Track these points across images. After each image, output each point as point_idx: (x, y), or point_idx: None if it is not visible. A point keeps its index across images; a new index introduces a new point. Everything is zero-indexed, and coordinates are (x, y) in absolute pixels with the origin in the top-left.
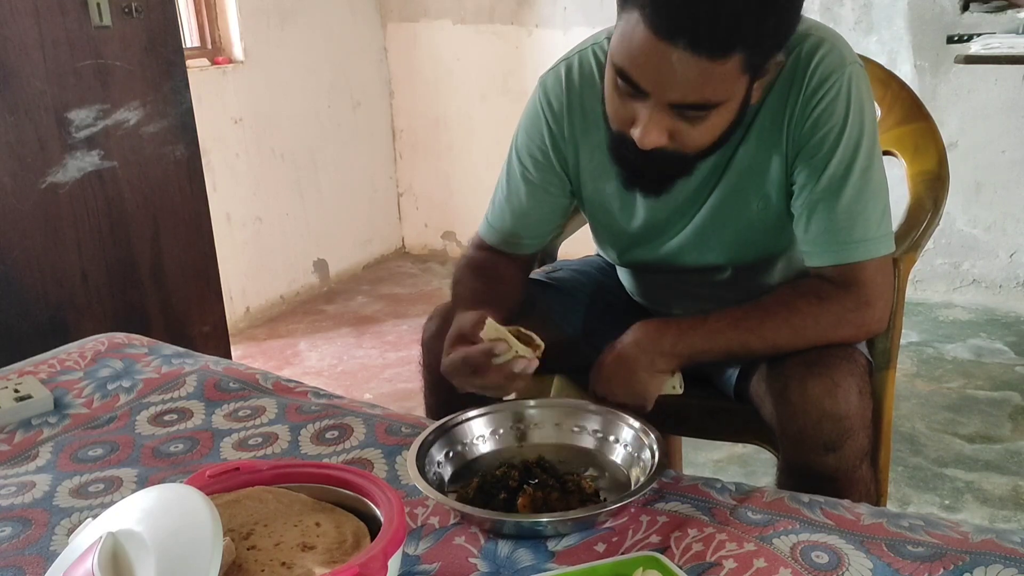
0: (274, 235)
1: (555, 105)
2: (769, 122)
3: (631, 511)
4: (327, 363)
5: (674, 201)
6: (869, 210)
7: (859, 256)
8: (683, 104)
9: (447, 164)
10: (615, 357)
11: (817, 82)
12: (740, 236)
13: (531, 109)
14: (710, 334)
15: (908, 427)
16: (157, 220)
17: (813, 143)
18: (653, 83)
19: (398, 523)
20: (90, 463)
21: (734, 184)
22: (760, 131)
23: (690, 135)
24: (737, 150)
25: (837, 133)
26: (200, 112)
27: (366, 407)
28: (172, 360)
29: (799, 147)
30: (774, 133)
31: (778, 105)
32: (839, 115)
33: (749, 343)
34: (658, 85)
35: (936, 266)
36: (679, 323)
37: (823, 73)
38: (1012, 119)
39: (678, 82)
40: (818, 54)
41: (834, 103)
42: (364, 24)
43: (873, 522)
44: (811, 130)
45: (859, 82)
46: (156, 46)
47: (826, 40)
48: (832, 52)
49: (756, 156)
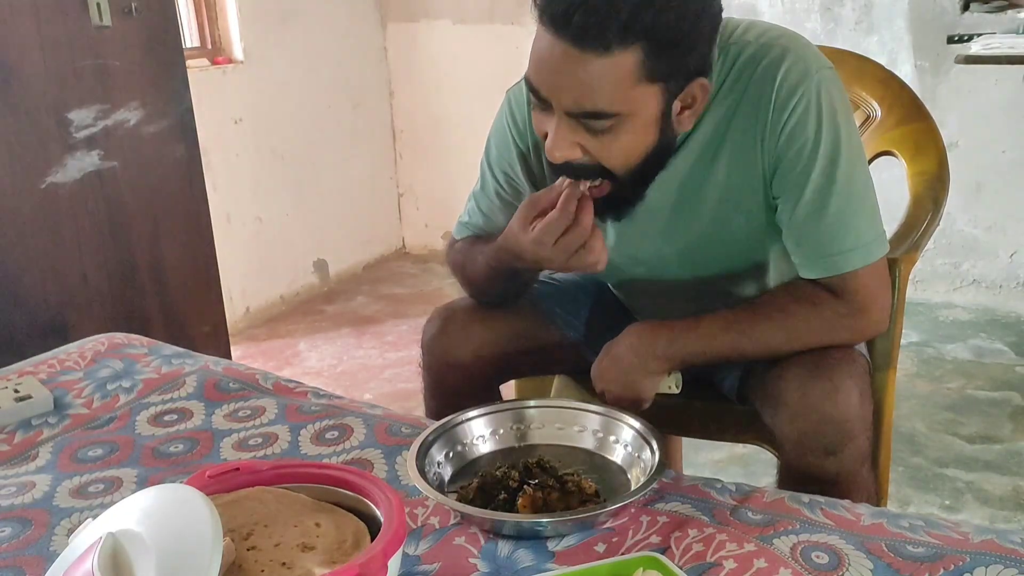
0: (274, 235)
1: (519, 121)
2: (741, 140)
3: (631, 511)
4: (327, 363)
5: (647, 224)
6: (858, 216)
7: (853, 265)
8: (580, 112)
9: (447, 164)
10: (610, 358)
11: (786, 95)
12: (725, 251)
13: (498, 123)
14: (704, 337)
15: (908, 427)
16: (157, 220)
17: (790, 157)
18: (549, 87)
19: (398, 523)
20: (90, 463)
21: (714, 204)
22: (733, 151)
23: (602, 150)
24: (711, 170)
25: (813, 145)
26: (200, 112)
27: (366, 407)
28: (172, 360)
29: (777, 161)
30: (749, 151)
31: (749, 123)
32: (812, 125)
33: (742, 346)
34: (553, 88)
35: (936, 266)
36: (673, 326)
37: (791, 85)
38: (1012, 119)
39: (570, 85)
40: (783, 67)
41: (806, 114)
42: (364, 24)
43: (873, 522)
44: (786, 144)
45: (829, 88)
46: (156, 46)
47: (790, 50)
48: (797, 63)
49: (733, 177)
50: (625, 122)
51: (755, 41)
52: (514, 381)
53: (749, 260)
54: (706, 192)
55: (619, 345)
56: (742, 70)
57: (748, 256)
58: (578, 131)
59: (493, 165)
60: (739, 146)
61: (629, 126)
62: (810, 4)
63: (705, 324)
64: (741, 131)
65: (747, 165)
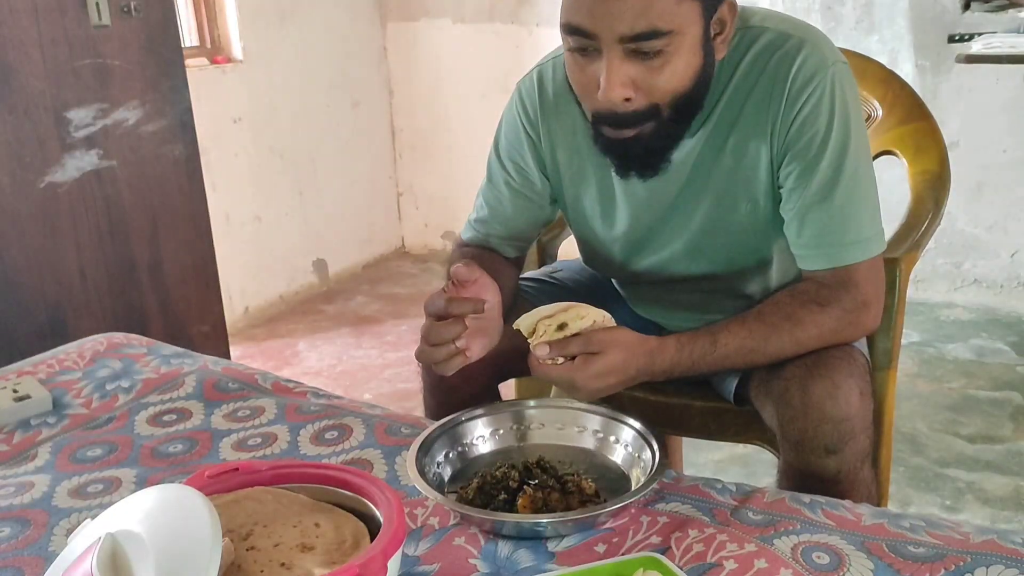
0: (273, 235)
1: (531, 111)
2: (752, 127)
3: (631, 512)
4: (326, 363)
5: (656, 208)
6: (861, 210)
7: (854, 258)
8: (633, 36)
9: (447, 164)
10: (605, 364)
11: (800, 84)
12: (730, 242)
13: (509, 115)
14: (717, 360)
15: (909, 427)
16: (156, 220)
17: (800, 146)
18: (601, 17)
19: (398, 524)
20: (89, 463)
21: (721, 190)
22: (744, 134)
23: (654, 80)
24: (720, 155)
25: (824, 136)
26: (199, 111)
27: (365, 407)
28: (171, 360)
29: (786, 150)
30: (759, 137)
31: (761, 108)
32: (825, 117)
33: (753, 361)
34: (606, 16)
35: (937, 266)
36: (679, 351)
37: (806, 75)
38: (1013, 118)
39: (623, 8)
40: (800, 56)
41: (819, 105)
42: (364, 23)
43: (874, 523)
44: (797, 133)
45: (843, 81)
46: (155, 45)
47: (807, 41)
48: (813, 53)
49: (742, 160)
50: (675, 41)
51: (773, 28)
52: (514, 381)
53: (753, 255)
54: (714, 176)
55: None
56: (757, 56)
57: (752, 250)
58: (630, 64)
59: (503, 155)
60: (750, 132)
61: (678, 46)
62: (810, 3)
63: (720, 345)
64: (753, 117)
65: (756, 152)
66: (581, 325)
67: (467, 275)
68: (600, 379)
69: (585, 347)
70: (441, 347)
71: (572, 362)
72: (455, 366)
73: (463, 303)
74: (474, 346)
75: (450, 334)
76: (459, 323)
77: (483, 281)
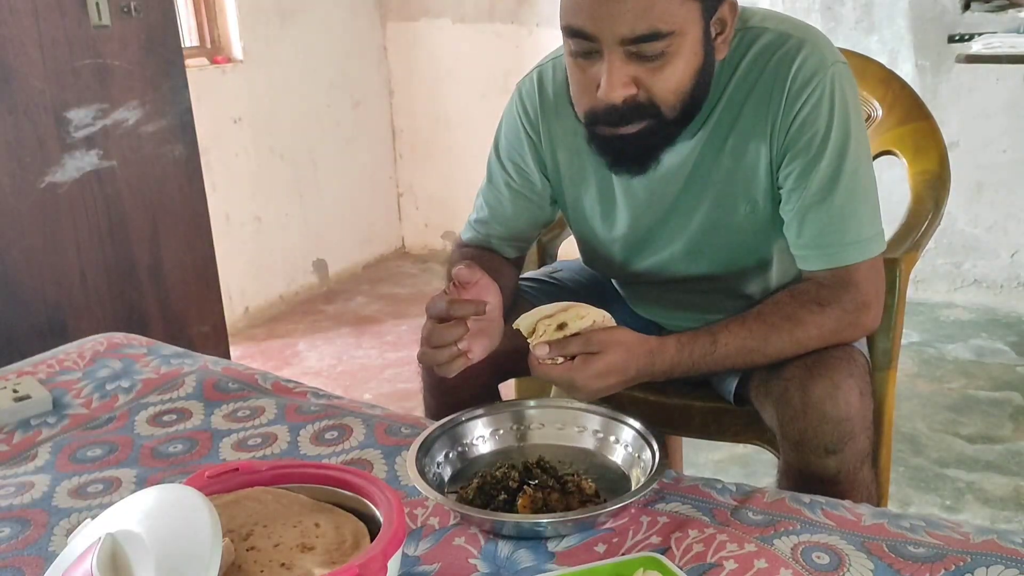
0: (273, 235)
1: (531, 112)
2: (752, 127)
3: (631, 512)
4: (326, 363)
5: (656, 208)
6: (860, 211)
7: (854, 258)
8: (634, 38)
9: (447, 164)
10: (605, 364)
11: (800, 84)
12: (730, 242)
13: (509, 115)
14: (718, 360)
15: (909, 427)
16: (156, 220)
17: (800, 146)
18: (601, 18)
19: (398, 524)
20: (89, 463)
21: (720, 190)
22: (744, 135)
23: (655, 80)
24: (719, 155)
25: (823, 136)
26: (199, 112)
27: (366, 407)
28: (171, 360)
29: (785, 151)
30: (758, 137)
31: (761, 109)
32: (824, 117)
33: (753, 360)
34: (606, 18)
35: (937, 266)
36: (679, 352)
37: (806, 75)
38: (1013, 118)
39: (623, 9)
40: (800, 56)
41: (819, 105)
42: (364, 23)
43: (874, 523)
44: (797, 133)
45: (843, 81)
46: (155, 45)
47: (807, 41)
48: (813, 53)
49: (741, 161)
50: (676, 42)
51: (773, 29)
52: (514, 381)
53: (753, 255)
54: (713, 176)
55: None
56: (757, 56)
57: (752, 251)
58: (631, 65)
59: (503, 156)
60: (749, 132)
61: (679, 47)
62: (810, 3)
63: (721, 345)
64: (752, 117)
65: (755, 152)
66: (581, 325)
67: (468, 277)
68: (600, 379)
69: (585, 347)
70: (443, 349)
71: (572, 362)
72: (457, 368)
73: (465, 305)
74: (476, 348)
75: (452, 336)
76: (461, 325)
77: (484, 283)
